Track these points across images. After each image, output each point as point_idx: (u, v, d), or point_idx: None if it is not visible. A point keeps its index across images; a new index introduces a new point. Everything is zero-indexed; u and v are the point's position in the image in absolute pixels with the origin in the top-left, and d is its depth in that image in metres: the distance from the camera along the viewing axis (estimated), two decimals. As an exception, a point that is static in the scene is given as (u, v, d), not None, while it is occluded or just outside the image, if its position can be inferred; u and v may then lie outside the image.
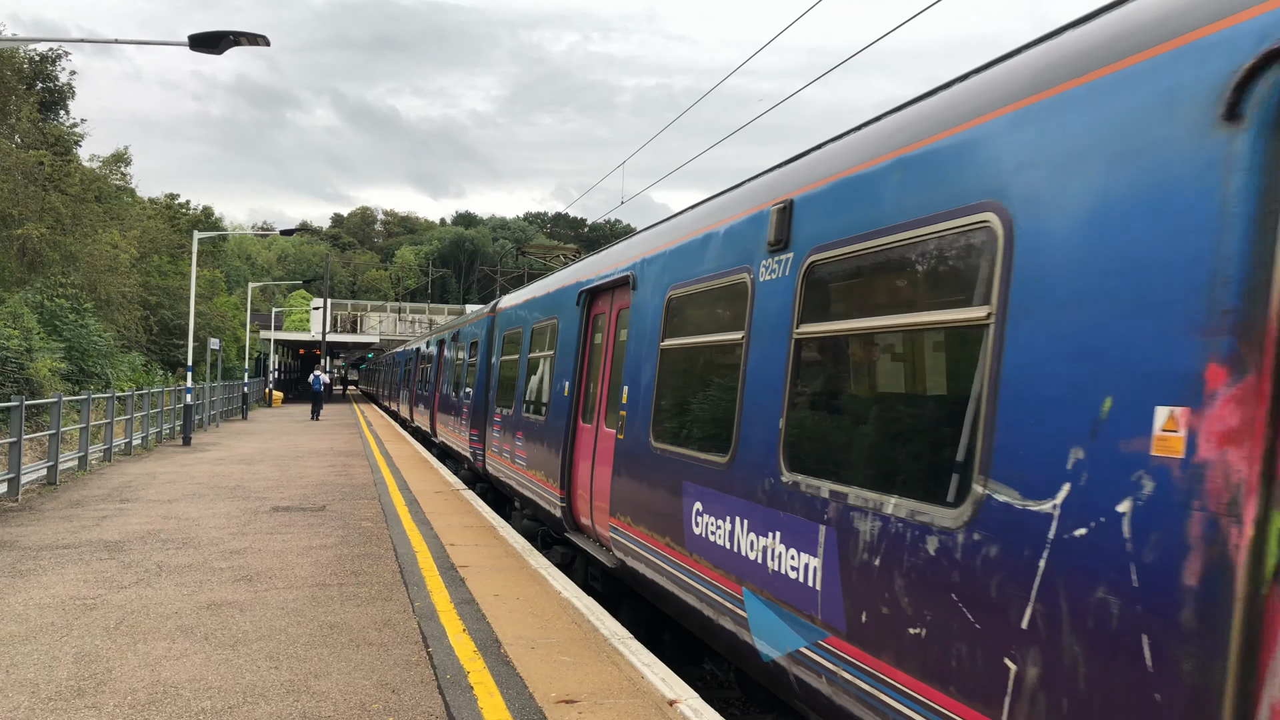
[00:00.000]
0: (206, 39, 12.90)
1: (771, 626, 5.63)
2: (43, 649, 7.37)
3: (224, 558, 10.90)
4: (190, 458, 23.42)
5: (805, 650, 5.22)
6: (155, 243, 48.96)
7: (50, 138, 37.81)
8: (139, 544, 11.70)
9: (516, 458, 13.67)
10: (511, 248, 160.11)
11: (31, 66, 39.77)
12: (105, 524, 13.20)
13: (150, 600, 8.90)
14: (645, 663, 7.06)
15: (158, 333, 45.12)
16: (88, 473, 19.58)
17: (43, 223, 32.64)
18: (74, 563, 10.56)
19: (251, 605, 8.77)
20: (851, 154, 5.48)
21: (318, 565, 10.54)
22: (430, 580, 9.79)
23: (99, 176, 43.19)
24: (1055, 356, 3.64)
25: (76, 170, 38.70)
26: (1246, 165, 2.96)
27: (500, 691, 6.43)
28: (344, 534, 12.53)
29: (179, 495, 16.25)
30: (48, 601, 8.83)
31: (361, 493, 16.74)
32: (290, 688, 6.57)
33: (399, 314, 76.74)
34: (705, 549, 6.66)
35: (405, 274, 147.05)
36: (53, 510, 14.48)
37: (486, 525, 13.28)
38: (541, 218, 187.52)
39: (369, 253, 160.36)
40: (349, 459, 23.14)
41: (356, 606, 8.75)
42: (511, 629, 7.96)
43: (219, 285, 59.21)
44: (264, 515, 14.09)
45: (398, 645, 7.55)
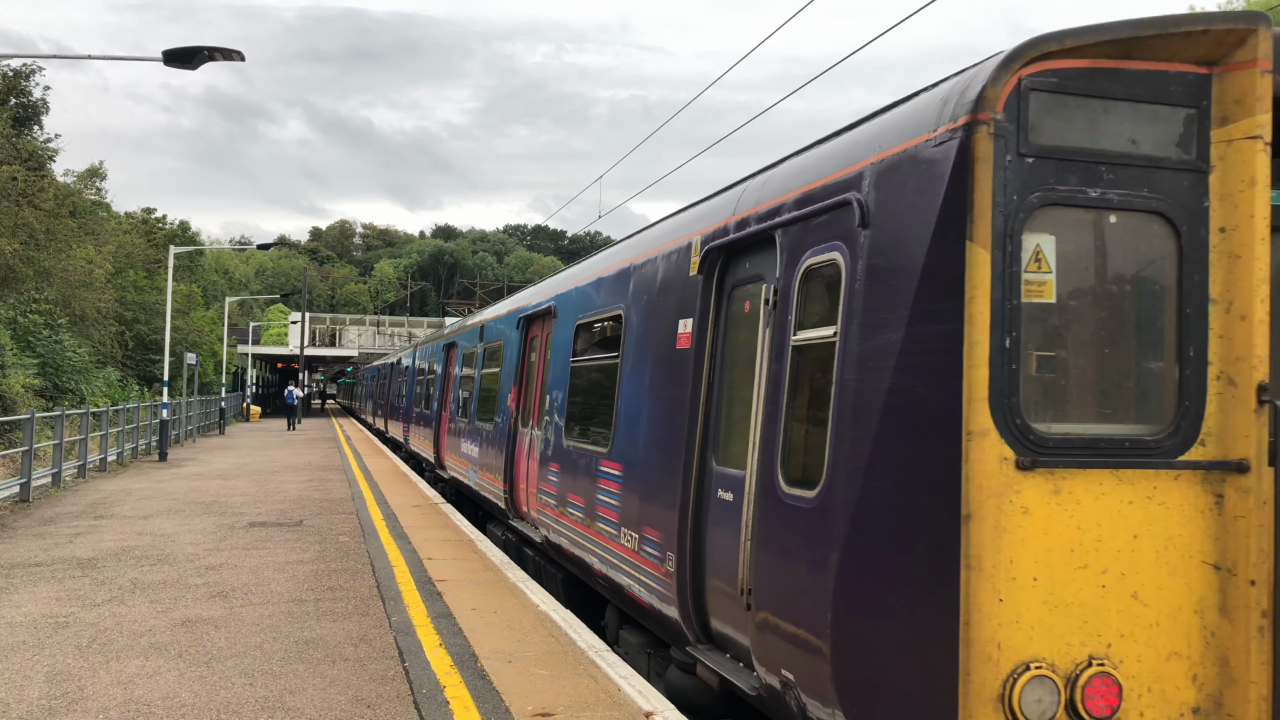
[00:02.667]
0: (181, 54, 12.87)
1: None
2: (14, 668, 7.30)
3: (199, 574, 10.83)
4: (166, 473, 23.24)
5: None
6: (131, 258, 48.57)
7: (24, 153, 37.51)
8: (113, 561, 11.60)
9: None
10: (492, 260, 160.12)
11: (5, 82, 39.49)
12: (79, 541, 13.08)
13: (124, 618, 8.83)
14: (622, 675, 7.06)
15: (134, 348, 44.75)
16: (62, 489, 19.40)
17: (16, 238, 32.32)
18: (46, 580, 10.46)
19: (227, 622, 8.71)
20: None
21: (294, 581, 10.48)
22: (408, 595, 9.75)
23: (73, 191, 42.87)
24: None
25: (51, 185, 38.40)
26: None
27: (476, 706, 6.42)
28: (321, 549, 12.47)
29: (154, 511, 16.12)
30: (19, 620, 8.74)
31: (339, 507, 16.66)
32: (265, 704, 6.54)
33: (378, 327, 76.46)
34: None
35: (384, 287, 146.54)
36: (25, 527, 14.34)
37: (465, 539, 13.25)
38: (521, 230, 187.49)
39: (348, 266, 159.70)
40: (327, 474, 23.02)
41: (333, 622, 8.71)
42: (489, 643, 7.94)
43: (196, 300, 58.76)
44: (240, 531, 14.00)
45: (374, 661, 7.52)
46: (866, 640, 4.64)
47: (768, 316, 5.97)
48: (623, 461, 8.10)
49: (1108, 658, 4.28)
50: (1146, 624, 4.32)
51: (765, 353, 5.93)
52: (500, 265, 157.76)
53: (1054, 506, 4.25)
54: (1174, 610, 4.36)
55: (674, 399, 7.10)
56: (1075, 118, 4.40)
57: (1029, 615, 4.20)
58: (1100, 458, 4.31)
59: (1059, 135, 4.37)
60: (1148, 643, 4.33)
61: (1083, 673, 4.22)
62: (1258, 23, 4.39)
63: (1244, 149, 4.39)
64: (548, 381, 11.03)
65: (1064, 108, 4.38)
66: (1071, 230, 4.41)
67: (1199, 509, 4.39)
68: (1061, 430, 4.32)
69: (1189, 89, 4.49)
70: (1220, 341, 4.42)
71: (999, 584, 4.17)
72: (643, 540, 7.41)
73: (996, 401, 4.21)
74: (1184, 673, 4.35)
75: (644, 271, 8.33)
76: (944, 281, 4.35)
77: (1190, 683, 4.36)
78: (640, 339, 8.13)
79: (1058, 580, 4.24)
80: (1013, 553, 4.19)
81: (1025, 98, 4.31)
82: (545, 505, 10.59)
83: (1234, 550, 4.35)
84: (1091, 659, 4.26)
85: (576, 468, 9.48)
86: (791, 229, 5.78)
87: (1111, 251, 4.50)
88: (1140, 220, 4.44)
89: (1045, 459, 4.23)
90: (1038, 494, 4.24)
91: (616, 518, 8.10)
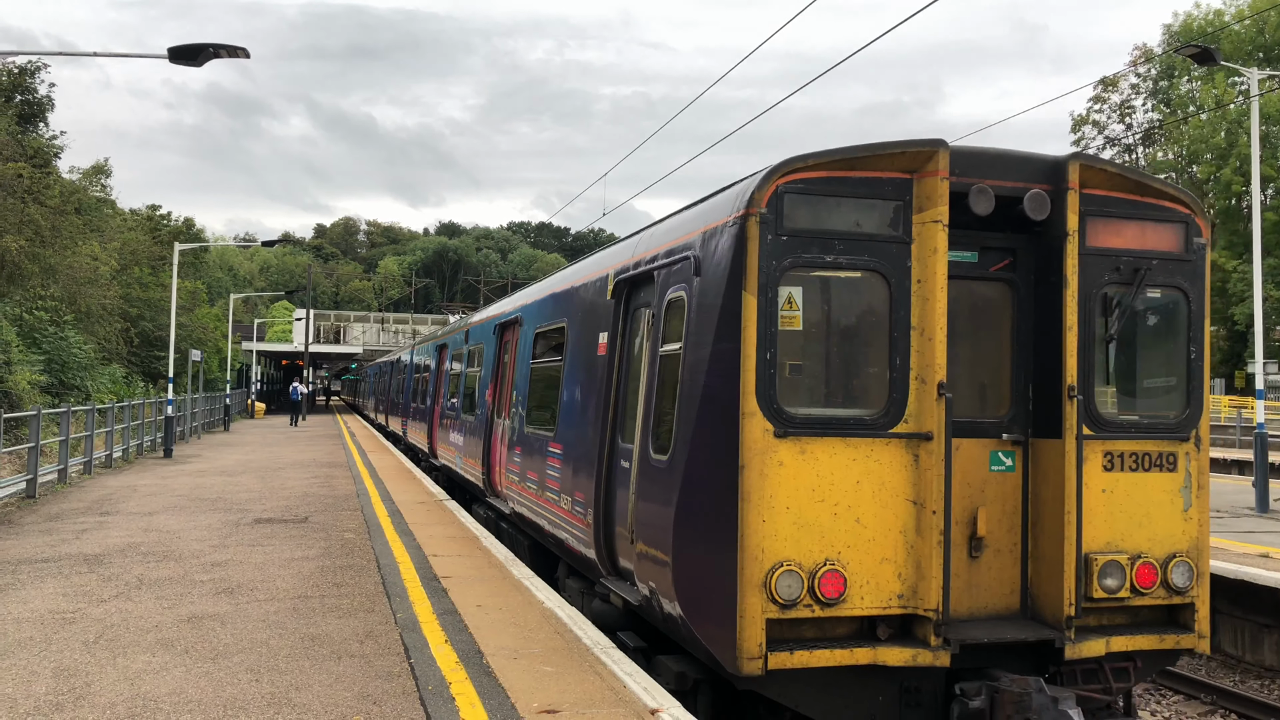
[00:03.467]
0: (186, 52, 12.88)
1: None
2: (21, 664, 7.33)
3: (205, 570, 10.85)
4: (171, 470, 23.29)
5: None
6: (136, 254, 48.62)
7: (29, 150, 37.57)
8: (119, 557, 11.63)
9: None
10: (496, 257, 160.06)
11: (10, 79, 39.55)
12: (85, 537, 13.11)
13: (130, 613, 8.86)
14: (627, 672, 7.07)
15: (138, 345, 44.78)
16: (67, 486, 19.45)
17: (22, 235, 32.36)
18: (53, 576, 10.49)
19: (232, 618, 8.73)
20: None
21: (300, 577, 10.50)
22: (413, 591, 9.77)
23: (78, 188, 42.96)
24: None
25: (56, 182, 38.47)
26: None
27: (482, 702, 6.43)
28: (326, 545, 12.50)
29: (160, 508, 16.16)
30: (26, 616, 8.77)
31: (344, 504, 16.69)
32: (271, 700, 6.56)
33: (382, 324, 76.49)
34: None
35: (389, 284, 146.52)
36: (31, 524, 14.38)
37: (470, 536, 13.27)
38: (525, 227, 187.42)
39: (352, 263, 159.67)
40: (332, 470, 23.06)
41: (338, 618, 8.73)
42: (494, 639, 7.96)
43: (201, 297, 58.87)
44: (245, 527, 14.03)
45: (380, 657, 7.54)
46: (690, 553, 6.68)
47: (649, 333, 8.01)
48: (563, 442, 10.08)
49: (838, 560, 6.37)
50: (866, 540, 6.43)
51: (647, 359, 7.96)
52: (504, 262, 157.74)
53: (800, 461, 6.36)
54: (885, 530, 6.46)
55: (596, 393, 9.08)
56: (816, 209, 6.48)
57: (783, 532, 6.30)
58: (833, 430, 6.44)
59: (804, 221, 6.45)
60: (866, 552, 6.42)
61: (820, 570, 6.30)
62: (940, 146, 6.49)
63: (931, 229, 6.49)
64: (515, 379, 13.14)
65: (808, 203, 6.47)
66: (813, 283, 6.57)
67: (903, 464, 6.50)
68: (805, 412, 6.45)
69: (897, 188, 6.60)
70: (916, 355, 6.52)
71: (763, 511, 6.27)
72: (574, 502, 9.36)
73: (761, 394, 6.30)
74: (892, 572, 6.45)
75: (579, 293, 10.38)
76: (732, 316, 6.41)
77: (896, 579, 6.46)
78: (576, 346, 10.17)
79: (803, 509, 6.34)
80: (772, 491, 6.29)
81: (781, 198, 6.41)
82: (512, 482, 12.63)
83: (924, 491, 6.45)
84: (827, 561, 6.35)
85: (533, 449, 11.46)
86: (662, 271, 7.84)
87: (842, 296, 6.70)
88: (863, 275, 6.59)
89: (793, 431, 6.35)
90: (789, 453, 6.34)
91: (558, 486, 10.07)
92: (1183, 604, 6.96)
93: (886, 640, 6.46)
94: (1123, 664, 6.95)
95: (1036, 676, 6.37)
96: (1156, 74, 69.44)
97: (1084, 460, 6.69)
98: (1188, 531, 6.96)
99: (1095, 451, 6.80)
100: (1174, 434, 7.04)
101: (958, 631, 6.46)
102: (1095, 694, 6.83)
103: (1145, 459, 6.91)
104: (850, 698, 6.48)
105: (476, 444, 15.17)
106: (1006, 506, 6.87)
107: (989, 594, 6.80)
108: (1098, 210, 6.90)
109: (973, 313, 6.96)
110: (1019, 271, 6.95)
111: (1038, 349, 6.91)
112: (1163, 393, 7.24)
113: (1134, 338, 7.19)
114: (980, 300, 6.97)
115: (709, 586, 6.44)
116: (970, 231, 6.77)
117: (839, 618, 6.42)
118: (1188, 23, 65.86)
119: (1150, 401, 7.25)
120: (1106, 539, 6.77)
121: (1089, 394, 6.80)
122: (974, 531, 6.70)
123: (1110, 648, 6.73)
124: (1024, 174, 6.79)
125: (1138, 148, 72.31)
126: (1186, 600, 6.94)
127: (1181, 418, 7.10)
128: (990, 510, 6.78)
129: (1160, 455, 6.94)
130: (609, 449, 8.58)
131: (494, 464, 13.99)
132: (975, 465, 6.81)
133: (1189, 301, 7.13)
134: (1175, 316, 7.17)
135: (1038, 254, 6.91)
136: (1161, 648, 6.93)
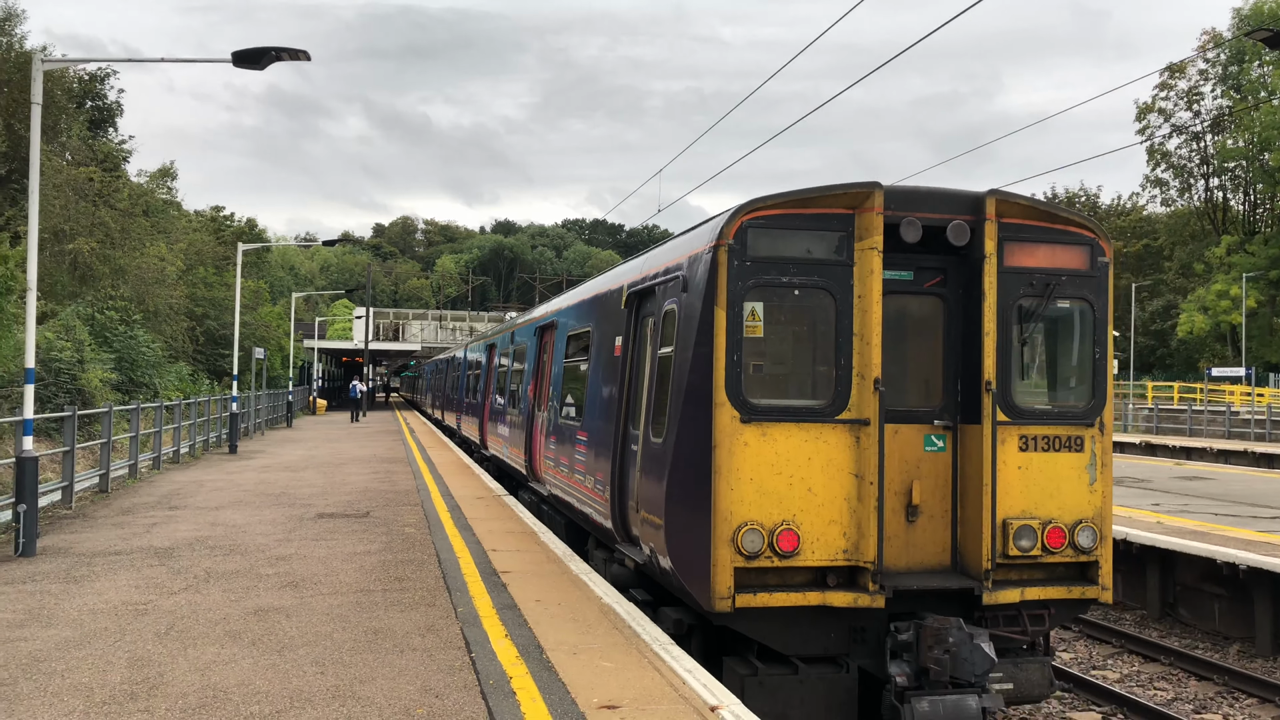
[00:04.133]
0: (249, 55, 13.11)
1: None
2: (97, 653, 7.54)
3: (270, 564, 11.07)
4: (236, 465, 23.78)
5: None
6: (201, 255, 49.79)
7: (99, 154, 38.60)
8: (188, 550, 11.91)
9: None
10: (551, 254, 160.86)
11: (81, 86, 40.64)
12: (155, 531, 13.45)
13: (199, 606, 9.07)
14: (687, 669, 7.07)
15: (204, 343, 45.80)
16: (137, 480, 19.97)
17: (93, 237, 33.31)
18: (126, 569, 10.78)
19: (297, 611, 8.89)
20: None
21: (362, 571, 10.66)
22: (473, 586, 9.87)
23: (146, 191, 44.03)
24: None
25: (125, 185, 39.50)
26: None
27: (543, 697, 6.47)
28: (387, 540, 12.67)
29: (226, 502, 16.52)
30: (101, 607, 9.02)
31: (404, 499, 16.91)
32: (336, 693, 6.66)
33: (440, 322, 77.35)
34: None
35: (446, 282, 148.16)
36: (105, 517, 14.79)
37: (528, 531, 13.36)
38: (580, 224, 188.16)
39: (410, 262, 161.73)
40: (392, 465, 23.37)
41: (400, 612, 8.85)
42: (553, 634, 8.00)
43: (263, 295, 59.99)
44: (309, 522, 14.28)
45: (441, 650, 7.63)
46: (676, 517, 8.05)
47: (652, 338, 9.42)
48: (588, 431, 11.43)
49: (793, 521, 7.68)
50: (816, 505, 7.74)
51: (650, 360, 9.41)
52: (559, 259, 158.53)
53: (763, 442, 7.70)
54: (832, 498, 7.77)
55: (613, 388, 10.42)
56: (774, 240, 7.86)
57: (748, 498, 7.63)
58: (789, 417, 7.77)
59: (765, 250, 7.83)
60: (817, 515, 7.73)
61: (778, 529, 7.63)
62: (875, 187, 7.88)
63: (869, 254, 7.85)
64: (551, 376, 14.53)
65: (768, 235, 7.85)
66: (772, 299, 7.93)
67: (846, 444, 7.83)
68: (766, 403, 7.80)
69: (841, 222, 7.97)
70: (857, 356, 7.86)
71: (731, 482, 7.62)
72: (596, 481, 10.74)
73: (730, 388, 7.68)
74: (838, 532, 7.77)
75: (602, 302, 11.77)
76: (707, 325, 7.78)
77: (842, 537, 7.78)
78: (598, 348, 11.53)
79: (764, 480, 7.68)
80: (739, 465, 7.63)
81: (745, 232, 7.80)
82: (548, 468, 13.92)
83: (863, 466, 7.77)
84: (784, 522, 7.66)
85: (565, 438, 12.79)
86: (660, 287, 9.20)
87: (796, 309, 8.05)
88: (814, 293, 7.92)
89: (756, 417, 7.70)
90: (753, 435, 7.69)
91: (584, 469, 11.46)
92: (1089, 562, 8.24)
93: (835, 587, 7.80)
94: (1039, 611, 8.19)
95: (958, 618, 7.62)
96: (1226, 59, 67.51)
97: (1001, 442, 8.01)
98: (1093, 501, 8.25)
99: (1012, 435, 8.07)
100: (1081, 421, 8.30)
101: (894, 580, 7.79)
102: (1014, 635, 8.12)
103: (1055, 441, 8.21)
104: (807, 634, 7.85)
105: (520, 435, 16.63)
106: (939, 480, 8.16)
107: (924, 552, 8.10)
108: (1013, 236, 8.19)
109: (911, 321, 8.31)
110: (949, 287, 8.26)
111: (964, 351, 8.19)
112: (1071, 386, 8.54)
113: (1047, 341, 8.59)
114: (917, 311, 8.32)
115: (690, 543, 7.84)
116: (908, 254, 8.08)
117: (795, 568, 7.75)
118: (1259, 5, 63.96)
119: (1060, 394, 8.53)
120: (1022, 507, 8.06)
121: (1006, 388, 8.09)
122: (910, 500, 8.03)
123: (1025, 596, 8.02)
124: (950, 208, 8.08)
125: (1206, 135, 70.35)
126: (1092, 559, 8.22)
127: (1087, 407, 8.36)
128: (924, 483, 8.10)
129: (1069, 438, 8.25)
130: (623, 435, 9.94)
131: (535, 452, 15.31)
132: (912, 446, 8.12)
133: (1094, 310, 8.40)
134: (1082, 323, 8.45)
135: (964, 273, 8.21)
136: (1070, 597, 8.23)
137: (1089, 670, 12.35)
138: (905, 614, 7.80)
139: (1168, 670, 12.22)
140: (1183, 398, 56.83)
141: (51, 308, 28.97)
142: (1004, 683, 8.02)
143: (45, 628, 8.31)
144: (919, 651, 7.56)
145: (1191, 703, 11.09)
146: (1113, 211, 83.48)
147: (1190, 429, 43.92)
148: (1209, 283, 66.19)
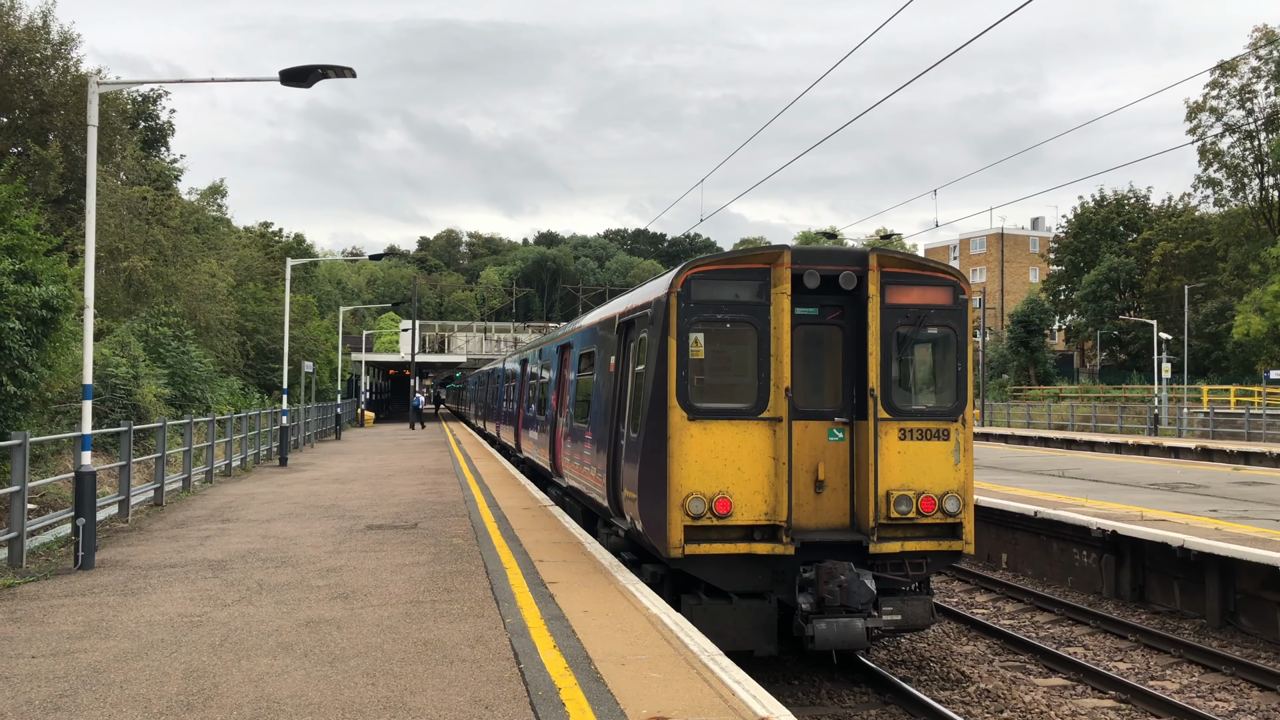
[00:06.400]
0: (296, 74, 13.33)
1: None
2: (154, 665, 7.67)
3: (321, 576, 11.19)
4: (287, 478, 24.10)
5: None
6: (250, 270, 50.59)
7: (152, 174, 39.44)
8: (240, 563, 12.08)
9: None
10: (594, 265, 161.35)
11: (135, 107, 41.57)
12: (208, 543, 13.67)
13: (252, 617, 9.19)
14: (736, 680, 7.03)
15: (254, 357, 46.51)
16: (191, 494, 20.31)
17: (146, 255, 34.00)
18: (180, 581, 10.96)
19: (348, 622, 8.98)
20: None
21: (411, 582, 10.74)
22: (520, 597, 9.90)
23: (197, 208, 44.87)
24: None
25: (177, 204, 40.29)
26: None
27: (592, 708, 6.47)
28: (436, 551, 12.76)
29: (277, 515, 16.74)
30: (157, 619, 9.18)
31: (452, 510, 17.02)
32: (387, 704, 6.71)
33: (485, 333, 77.87)
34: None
35: (490, 294, 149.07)
36: (160, 530, 15.05)
37: (574, 541, 13.38)
38: (621, 234, 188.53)
39: (454, 274, 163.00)
40: (439, 476, 23.55)
41: (449, 623, 8.90)
42: (601, 645, 8.00)
43: (311, 310, 60.82)
44: (358, 534, 14.43)
45: (490, 662, 7.65)
46: (646, 490, 10.61)
47: (633, 358, 12.07)
48: (593, 431, 13.88)
49: (727, 491, 10.23)
50: (745, 479, 10.28)
51: (632, 374, 11.99)
52: (601, 269, 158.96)
53: (704, 435, 10.27)
54: (757, 474, 10.31)
55: (609, 398, 12.90)
56: (711, 288, 10.47)
57: (693, 475, 10.21)
58: (724, 416, 10.35)
59: (704, 295, 10.44)
60: (745, 487, 10.28)
61: (716, 497, 10.18)
62: (785, 248, 10.55)
63: (780, 297, 10.42)
64: (569, 387, 17.14)
65: (706, 284, 10.47)
66: (710, 330, 10.50)
67: (767, 436, 10.36)
68: (706, 405, 10.37)
69: (760, 274, 10.51)
70: (773, 371, 10.39)
71: (681, 463, 10.22)
72: (598, 470, 13.24)
73: (680, 395, 10.28)
74: (762, 500, 10.29)
75: (603, 327, 14.23)
76: (664, 350, 10.44)
77: (763, 504, 10.29)
78: (601, 364, 13.94)
79: (705, 463, 10.23)
80: (686, 451, 10.24)
81: (689, 283, 10.45)
82: (566, 463, 16.58)
83: (779, 451, 10.30)
84: (720, 492, 10.21)
85: (577, 437, 15.38)
86: (638, 318, 11.81)
87: (728, 338, 10.60)
88: (742, 325, 10.50)
89: (700, 416, 10.29)
90: (697, 430, 10.27)
91: (590, 462, 14.01)
92: (955, 523, 10.63)
93: (759, 539, 10.30)
94: (918, 560, 10.63)
95: (849, 562, 10.12)
96: (1279, 56, 66.02)
97: (884, 434, 10.47)
98: (957, 477, 10.65)
99: (893, 428, 10.53)
100: (947, 417, 10.74)
101: (804, 535, 10.34)
102: (898, 578, 10.54)
103: (927, 432, 10.65)
104: (739, 574, 10.39)
105: (546, 438, 19.58)
106: (839, 462, 10.68)
107: (830, 515, 10.62)
108: (893, 280, 10.66)
109: (818, 345, 10.84)
110: (846, 319, 10.80)
111: (857, 366, 10.67)
112: (938, 391, 11.00)
113: (920, 358, 11.12)
114: (822, 337, 10.85)
115: (654, 509, 10.41)
116: (816, 295, 10.62)
117: (729, 526, 10.27)
118: (1312, 0, 62.38)
119: (931, 397, 10.99)
120: (901, 481, 10.48)
121: (889, 393, 10.56)
122: (818, 477, 10.55)
123: (904, 548, 10.48)
124: (843, 261, 10.65)
125: (1259, 134, 68.84)
126: (957, 520, 10.62)
127: (952, 407, 10.80)
128: (828, 464, 10.61)
129: (938, 430, 10.68)
130: (615, 433, 12.39)
131: (558, 452, 18.03)
132: (818, 437, 10.66)
133: (956, 335, 10.87)
134: (948, 345, 10.94)
135: (856, 308, 10.73)
136: (940, 549, 10.64)
137: (971, 609, 15.66)
138: (814, 561, 10.21)
139: (1229, 680, 11.93)
140: (1240, 401, 55.54)
141: (107, 324, 29.59)
142: (894, 614, 10.50)
143: (104, 639, 8.47)
144: (818, 586, 10.05)
145: (1254, 714, 10.82)
146: (1163, 213, 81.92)
147: (1248, 433, 42.93)
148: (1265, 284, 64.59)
